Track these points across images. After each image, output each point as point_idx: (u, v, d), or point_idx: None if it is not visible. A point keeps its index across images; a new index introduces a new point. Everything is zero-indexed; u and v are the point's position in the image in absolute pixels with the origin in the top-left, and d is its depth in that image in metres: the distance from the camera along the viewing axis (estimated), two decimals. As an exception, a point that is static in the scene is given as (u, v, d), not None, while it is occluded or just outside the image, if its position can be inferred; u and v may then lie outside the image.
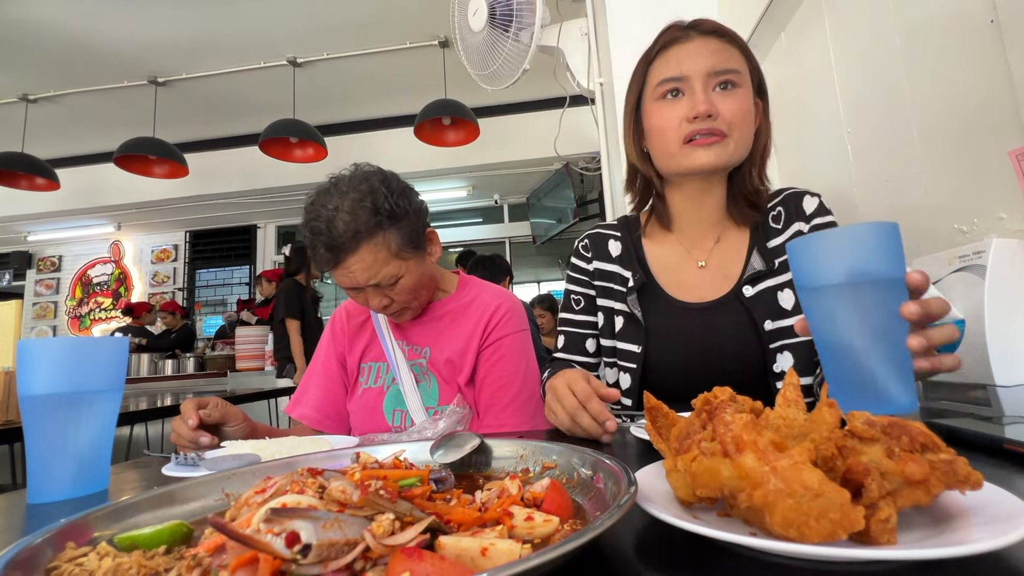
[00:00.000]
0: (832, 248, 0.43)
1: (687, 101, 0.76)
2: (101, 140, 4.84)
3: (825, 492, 0.26)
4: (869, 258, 0.42)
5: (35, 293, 6.43)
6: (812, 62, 1.36)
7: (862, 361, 0.42)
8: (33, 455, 0.55)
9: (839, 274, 0.42)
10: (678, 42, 0.77)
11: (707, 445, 0.31)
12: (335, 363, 1.09)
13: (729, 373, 0.81)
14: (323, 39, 3.77)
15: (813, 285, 0.45)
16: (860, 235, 0.43)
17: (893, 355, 0.41)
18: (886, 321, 0.42)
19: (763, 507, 0.27)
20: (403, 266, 0.92)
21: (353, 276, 0.89)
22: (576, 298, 0.95)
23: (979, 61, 0.83)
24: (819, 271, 0.44)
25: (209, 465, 0.58)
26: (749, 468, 0.28)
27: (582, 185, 4.74)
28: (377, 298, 0.93)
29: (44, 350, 0.56)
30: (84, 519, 0.35)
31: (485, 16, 2.01)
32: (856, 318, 0.42)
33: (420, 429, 0.94)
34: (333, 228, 0.85)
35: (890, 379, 0.41)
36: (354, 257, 0.87)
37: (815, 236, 0.45)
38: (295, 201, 5.44)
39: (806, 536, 0.26)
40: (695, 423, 0.34)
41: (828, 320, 0.43)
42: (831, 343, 0.44)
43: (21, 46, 3.59)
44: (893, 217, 1.10)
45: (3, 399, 1.45)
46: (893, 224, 0.43)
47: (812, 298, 0.45)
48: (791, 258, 0.47)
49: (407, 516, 0.30)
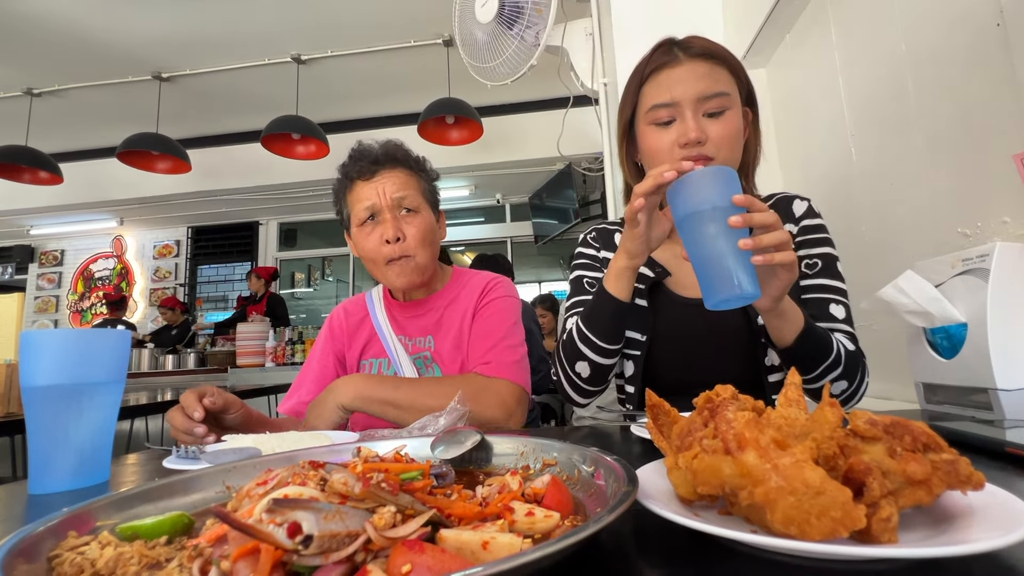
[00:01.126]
0: (688, 189, 0.61)
1: (678, 127, 0.79)
2: (104, 135, 4.85)
3: (826, 490, 0.26)
4: (710, 192, 0.60)
5: (37, 287, 6.45)
6: (816, 65, 1.36)
7: (716, 262, 0.59)
8: (34, 446, 0.55)
9: (692, 206, 0.61)
10: (668, 66, 0.80)
11: (709, 443, 0.31)
12: (332, 360, 1.10)
13: (725, 366, 0.86)
14: (327, 36, 3.78)
15: (679, 216, 0.62)
16: (700, 178, 0.61)
17: (735, 255, 0.58)
18: (726, 232, 0.59)
19: (764, 505, 0.27)
20: (422, 204, 1.02)
21: (383, 187, 0.99)
22: (590, 281, 0.96)
23: (985, 64, 0.83)
24: (680, 207, 0.62)
25: (210, 458, 0.58)
26: (751, 466, 0.28)
27: (584, 186, 4.74)
28: (393, 227, 0.98)
29: (47, 341, 0.56)
30: (86, 509, 0.35)
31: (494, 10, 2.00)
32: (707, 233, 0.60)
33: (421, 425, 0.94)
34: (376, 151, 1.02)
35: (736, 273, 0.58)
36: (389, 172, 1.01)
37: (678, 183, 0.62)
38: (297, 198, 5.45)
39: (807, 534, 0.26)
40: (696, 421, 0.34)
41: (691, 239, 0.61)
42: (695, 253, 0.61)
43: (26, 40, 3.59)
44: (897, 221, 1.10)
45: (4, 391, 1.45)
46: (723, 168, 0.62)
47: (681, 226, 0.62)
48: (670, 203, 0.64)
49: (408, 509, 0.30)
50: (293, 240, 6.45)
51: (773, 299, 0.67)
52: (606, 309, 0.80)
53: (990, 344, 0.68)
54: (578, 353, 0.84)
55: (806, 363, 0.75)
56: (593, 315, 0.82)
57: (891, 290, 0.79)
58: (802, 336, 0.73)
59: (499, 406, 0.89)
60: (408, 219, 1.00)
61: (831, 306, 0.83)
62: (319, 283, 6.80)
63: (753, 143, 0.87)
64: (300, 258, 6.56)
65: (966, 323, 0.72)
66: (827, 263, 0.86)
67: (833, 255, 0.87)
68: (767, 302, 0.68)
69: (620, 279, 0.78)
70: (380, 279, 1.07)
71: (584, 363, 0.84)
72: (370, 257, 1.02)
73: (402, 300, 1.11)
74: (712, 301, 0.61)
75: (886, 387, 1.12)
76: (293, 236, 6.44)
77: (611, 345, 0.82)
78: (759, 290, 0.59)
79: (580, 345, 0.83)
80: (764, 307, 0.70)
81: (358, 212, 1.00)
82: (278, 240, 6.30)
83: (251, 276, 4.81)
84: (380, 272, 1.03)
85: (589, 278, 0.97)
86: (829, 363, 0.75)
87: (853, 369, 0.77)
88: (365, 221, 1.00)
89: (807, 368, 0.75)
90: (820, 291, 0.85)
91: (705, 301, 0.61)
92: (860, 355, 0.80)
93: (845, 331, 0.81)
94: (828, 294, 0.84)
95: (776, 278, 0.65)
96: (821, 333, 0.75)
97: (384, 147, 1.04)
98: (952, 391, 0.75)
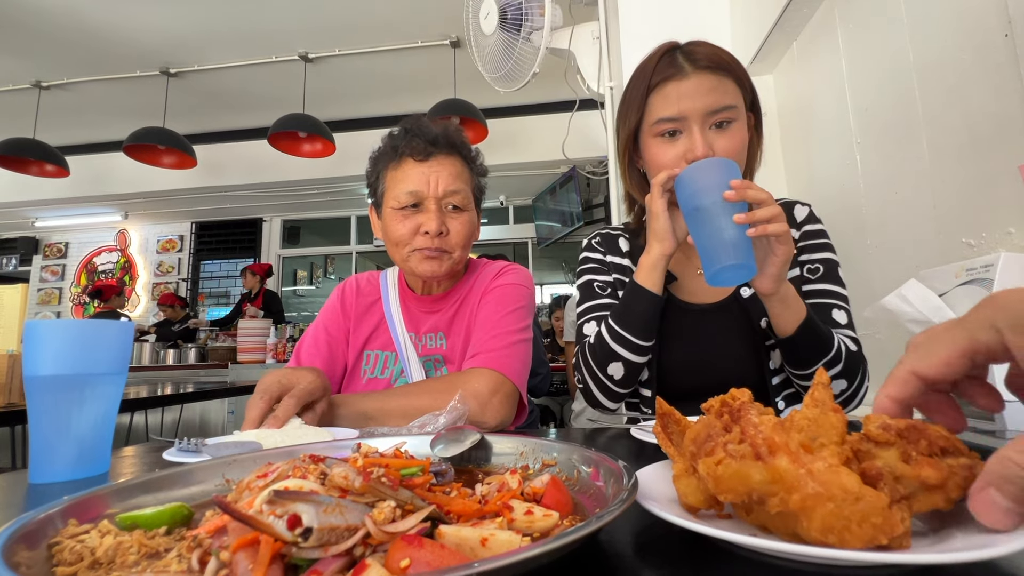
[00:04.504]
0: (691, 176, 0.69)
1: (684, 142, 0.79)
2: (111, 129, 4.87)
3: (865, 496, 0.25)
4: (710, 177, 0.67)
5: (40, 279, 6.47)
6: (823, 72, 1.36)
7: (715, 236, 0.66)
8: (36, 435, 0.56)
9: (695, 189, 0.68)
10: (675, 79, 0.79)
11: (734, 448, 0.30)
12: (341, 334, 1.02)
13: (729, 369, 0.86)
14: (335, 35, 3.79)
15: (684, 199, 0.70)
16: (702, 166, 0.70)
17: (732, 228, 0.65)
18: (724, 209, 0.66)
19: (800, 512, 0.26)
20: (470, 203, 0.96)
21: (437, 174, 0.91)
22: (600, 285, 0.96)
23: (992, 74, 0.83)
24: (685, 191, 0.70)
25: (210, 451, 0.58)
26: (783, 471, 0.27)
27: (588, 189, 4.74)
28: (438, 219, 0.90)
29: (50, 331, 0.57)
30: (86, 498, 0.35)
31: (496, 19, 2.01)
32: (707, 211, 0.66)
33: (421, 424, 0.93)
34: (437, 131, 0.93)
35: (733, 244, 0.65)
36: (446, 158, 0.93)
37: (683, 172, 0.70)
38: (301, 195, 5.47)
39: (847, 542, 0.25)
40: (716, 425, 0.32)
41: (693, 219, 0.68)
42: (697, 232, 0.68)
43: (35, 33, 3.62)
44: (901, 229, 1.10)
45: (6, 382, 1.45)
46: (723, 159, 0.71)
47: (685, 209, 0.70)
48: (677, 192, 0.71)
49: (408, 504, 0.30)
50: (296, 238, 6.46)
51: (773, 279, 0.70)
52: (641, 304, 0.80)
53: (993, 354, 0.67)
54: (611, 354, 0.82)
55: (807, 355, 0.76)
56: (627, 312, 0.82)
57: (894, 299, 0.78)
58: (804, 326, 0.73)
59: (470, 397, 0.80)
60: (454, 216, 0.93)
61: (833, 311, 0.83)
62: (321, 281, 6.82)
63: (755, 147, 0.88)
64: (303, 255, 6.57)
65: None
66: (828, 268, 0.86)
67: (834, 260, 0.87)
68: (768, 282, 0.70)
69: (654, 271, 0.80)
70: (399, 263, 0.98)
71: (618, 363, 0.82)
72: (398, 241, 0.93)
73: (419, 293, 1.03)
74: (711, 271, 0.66)
75: (887, 396, 1.11)
76: (296, 234, 6.46)
77: (647, 341, 0.81)
78: (755, 263, 0.65)
79: (613, 345, 0.82)
80: (765, 290, 0.72)
81: (398, 194, 0.91)
82: (281, 237, 6.32)
83: (246, 273, 4.80)
84: (402, 256, 0.94)
85: (599, 282, 0.96)
86: (830, 358, 0.75)
87: (854, 369, 0.77)
88: (405, 206, 0.92)
89: (807, 361, 0.76)
90: (822, 296, 0.85)
91: (706, 276, 0.67)
92: (861, 358, 0.80)
93: (848, 336, 0.81)
94: (830, 299, 0.84)
95: (773, 254, 0.69)
96: (823, 328, 0.76)
97: (444, 128, 0.95)
98: (954, 401, 0.75)
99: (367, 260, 6.63)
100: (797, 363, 0.77)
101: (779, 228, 0.66)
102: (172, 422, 3.17)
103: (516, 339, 0.93)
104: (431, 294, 1.03)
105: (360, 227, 6.33)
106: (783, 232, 0.66)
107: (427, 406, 0.77)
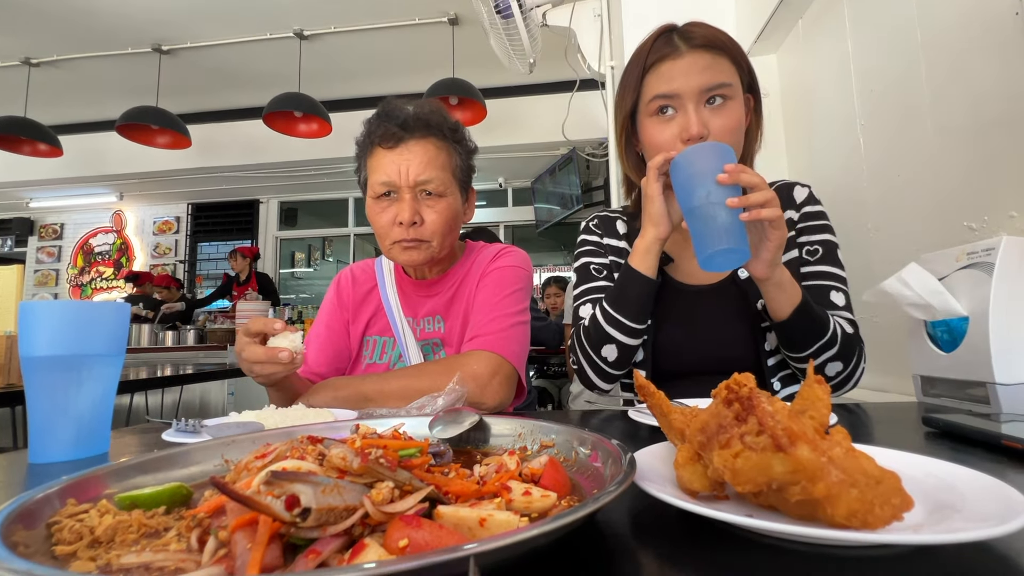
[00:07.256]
0: (686, 159, 0.69)
1: (679, 120, 0.79)
2: (104, 107, 4.79)
3: (884, 478, 0.26)
4: (705, 161, 0.67)
5: (36, 260, 6.44)
6: (828, 52, 1.34)
7: (708, 220, 0.66)
8: (34, 416, 0.56)
9: (690, 173, 0.68)
10: (670, 58, 0.79)
11: (752, 440, 0.29)
12: (341, 326, 1.04)
13: (726, 351, 0.86)
14: (331, 12, 3.70)
15: (678, 183, 0.70)
16: (697, 150, 0.69)
17: (725, 212, 0.65)
18: (717, 193, 0.65)
19: (825, 500, 0.26)
20: (450, 187, 0.92)
21: (407, 162, 0.88)
22: (597, 267, 0.96)
23: (1001, 55, 0.81)
24: (680, 175, 0.70)
25: (209, 432, 0.59)
26: (806, 460, 0.27)
27: (588, 171, 4.70)
28: (411, 209, 0.88)
29: (46, 312, 0.56)
30: (86, 477, 0.35)
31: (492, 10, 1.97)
32: (700, 196, 0.66)
33: (419, 405, 0.94)
34: (408, 113, 0.90)
35: (725, 228, 0.64)
36: (418, 143, 0.90)
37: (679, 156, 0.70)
38: (298, 176, 5.41)
39: (869, 524, 0.25)
40: (727, 415, 0.32)
41: (687, 204, 0.68)
42: (691, 216, 0.68)
43: (23, 8, 3.53)
44: (903, 212, 1.09)
45: (4, 362, 1.46)
46: (718, 143, 0.71)
47: (680, 193, 0.70)
48: (672, 177, 0.71)
49: (406, 485, 0.30)
50: (294, 219, 6.42)
51: (767, 263, 0.70)
52: (635, 288, 0.80)
53: (991, 338, 0.68)
54: (605, 336, 0.83)
55: (802, 339, 0.76)
56: (621, 295, 0.82)
57: (894, 282, 0.78)
58: (799, 310, 0.74)
59: (469, 379, 0.80)
60: (430, 203, 0.91)
61: (831, 293, 0.83)
62: (319, 263, 6.79)
63: (754, 129, 0.87)
64: (300, 238, 6.53)
65: (967, 317, 0.72)
66: (827, 250, 0.86)
67: (833, 242, 0.87)
68: (762, 267, 0.70)
69: (648, 254, 0.79)
70: (385, 253, 0.99)
71: (611, 346, 0.83)
72: (380, 232, 0.94)
73: (414, 277, 1.04)
74: (703, 256, 0.66)
75: (883, 380, 1.12)
76: (294, 215, 6.41)
77: (640, 324, 0.82)
78: (748, 247, 0.65)
79: (607, 328, 0.82)
80: (760, 274, 0.72)
81: (374, 184, 0.91)
82: (278, 219, 6.27)
83: (235, 255, 4.76)
84: (386, 247, 0.95)
85: (596, 264, 0.96)
86: (825, 341, 0.75)
87: (849, 352, 0.77)
88: (380, 196, 0.91)
89: (803, 345, 0.76)
90: (820, 278, 0.85)
91: (699, 260, 0.67)
92: (858, 340, 0.80)
93: (845, 318, 0.81)
94: (828, 281, 0.84)
95: (767, 239, 0.68)
96: (819, 311, 0.76)
97: (417, 110, 0.91)
98: (950, 384, 0.76)
99: (365, 242, 6.60)
100: (792, 346, 0.78)
101: (772, 213, 0.65)
102: (172, 403, 3.19)
103: (514, 321, 0.94)
104: (425, 279, 1.03)
105: (358, 209, 6.28)
106: (777, 217, 0.66)
107: (426, 388, 0.77)
